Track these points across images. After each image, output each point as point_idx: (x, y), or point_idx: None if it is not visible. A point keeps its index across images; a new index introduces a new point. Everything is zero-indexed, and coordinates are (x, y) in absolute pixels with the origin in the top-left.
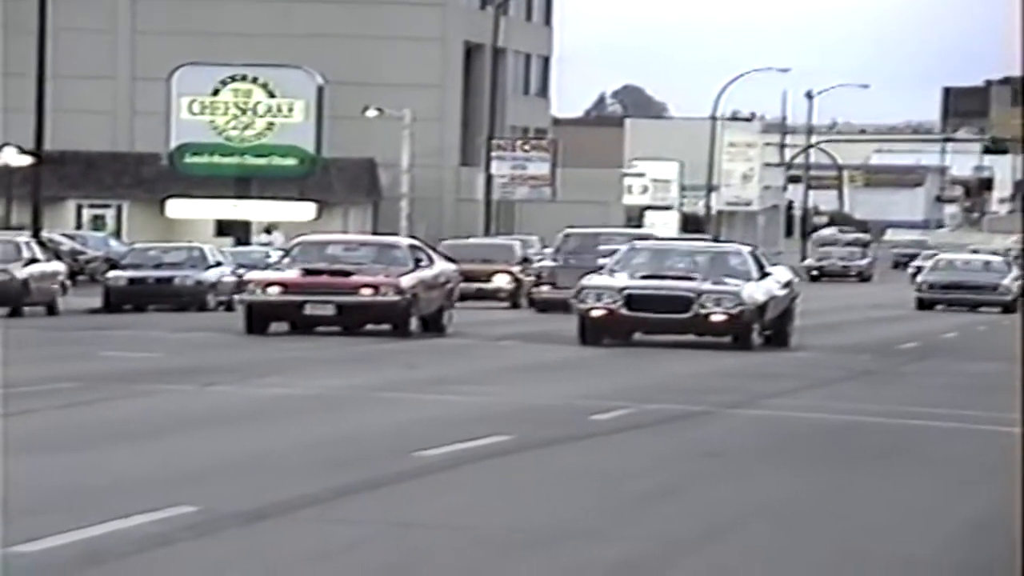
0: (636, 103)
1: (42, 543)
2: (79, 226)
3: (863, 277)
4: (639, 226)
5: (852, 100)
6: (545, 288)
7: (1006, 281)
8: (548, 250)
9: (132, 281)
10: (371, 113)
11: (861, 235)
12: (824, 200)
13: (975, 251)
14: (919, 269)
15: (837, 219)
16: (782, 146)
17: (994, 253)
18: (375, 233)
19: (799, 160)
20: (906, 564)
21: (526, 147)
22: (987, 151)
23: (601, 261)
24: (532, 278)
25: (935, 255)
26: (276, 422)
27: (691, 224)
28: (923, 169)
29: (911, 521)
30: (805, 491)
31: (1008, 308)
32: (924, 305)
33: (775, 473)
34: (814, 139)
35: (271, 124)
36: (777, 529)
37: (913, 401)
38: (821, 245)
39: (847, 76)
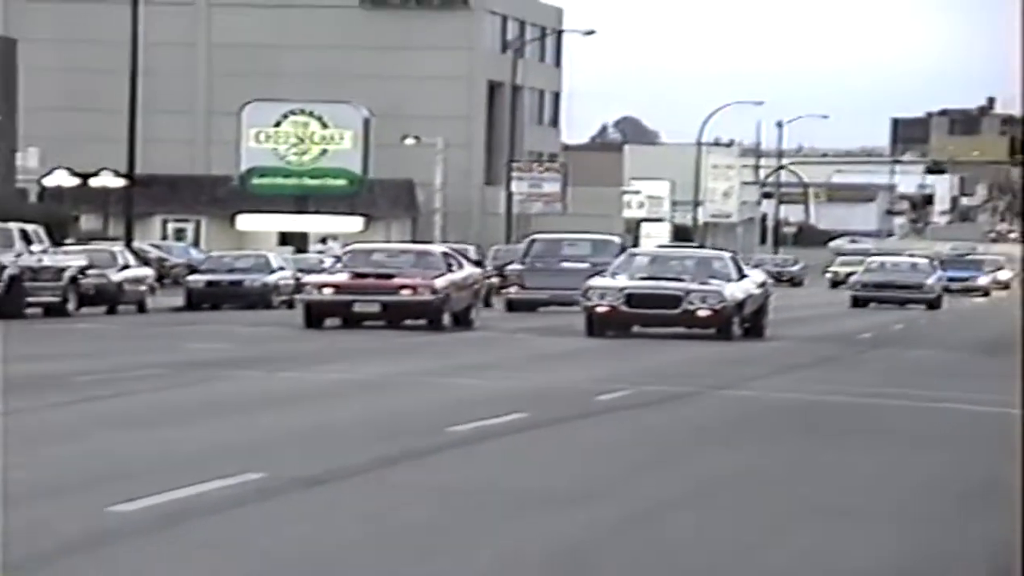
0: (633, 131)
1: (135, 504)
2: (164, 237)
3: (795, 282)
4: (636, 237)
5: (815, 128)
6: (513, 289)
7: (930, 280)
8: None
9: (209, 284)
10: (409, 141)
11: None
12: (793, 213)
13: (912, 255)
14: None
15: (804, 229)
16: (757, 167)
17: (926, 257)
18: (414, 242)
19: (771, 179)
20: (864, 515)
21: (541, 169)
22: (929, 171)
23: (564, 265)
24: (498, 280)
25: (859, 260)
26: (331, 402)
27: (681, 234)
28: (875, 187)
29: (870, 482)
30: (781, 459)
31: (932, 304)
32: (858, 303)
33: (755, 444)
34: (784, 161)
35: (325, 150)
36: (757, 490)
37: (871, 383)
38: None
39: (811, 107)
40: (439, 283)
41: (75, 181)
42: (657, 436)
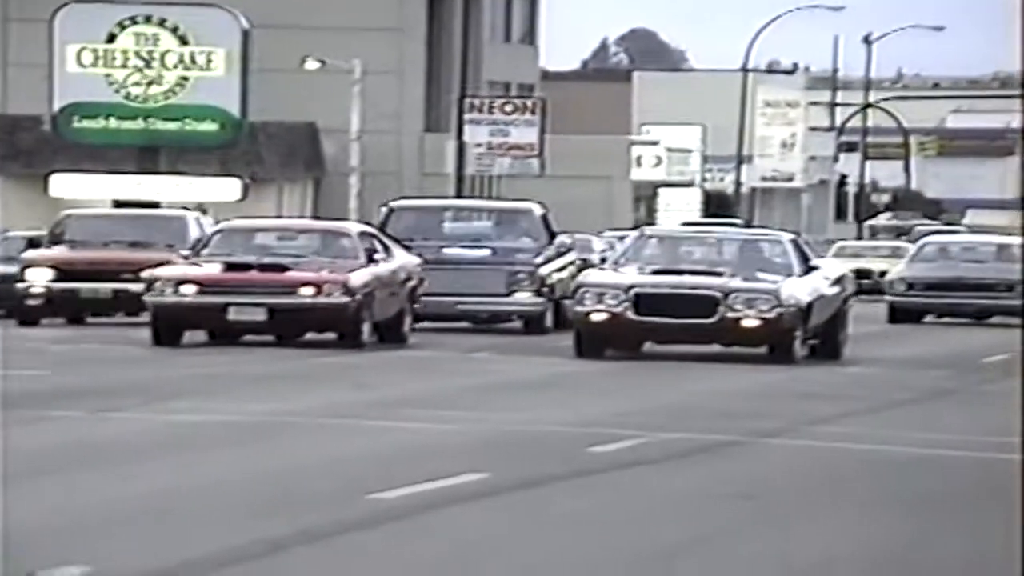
0: (647, 51)
1: None
2: None
3: None
4: (651, 209)
5: (923, 46)
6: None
7: None
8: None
9: (4, 279)
10: (311, 65)
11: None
12: (886, 174)
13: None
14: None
15: (902, 198)
16: (833, 105)
17: None
18: (317, 217)
19: (854, 123)
20: None
21: (508, 108)
22: None
23: (447, 253)
24: None
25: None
26: (189, 457)
27: (717, 205)
28: (1014, 133)
29: None
30: (863, 543)
31: None
32: (899, 316)
33: (825, 521)
34: (873, 97)
35: (184, 79)
36: None
37: (1001, 429)
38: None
39: (916, 16)
40: (355, 279)
41: None
42: (681, 508)
